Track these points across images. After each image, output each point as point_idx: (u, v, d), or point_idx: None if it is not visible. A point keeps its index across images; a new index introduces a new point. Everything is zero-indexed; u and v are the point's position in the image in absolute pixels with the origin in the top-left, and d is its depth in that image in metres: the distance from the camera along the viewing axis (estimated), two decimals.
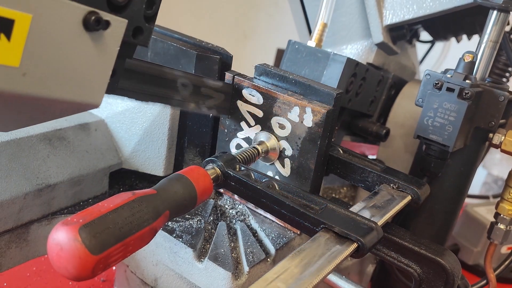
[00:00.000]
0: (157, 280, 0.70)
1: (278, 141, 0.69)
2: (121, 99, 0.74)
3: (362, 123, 0.93)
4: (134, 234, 0.44)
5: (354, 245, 0.50)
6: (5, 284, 0.78)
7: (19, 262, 0.67)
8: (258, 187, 0.57)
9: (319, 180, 0.71)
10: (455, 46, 1.09)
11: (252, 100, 0.69)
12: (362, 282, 0.91)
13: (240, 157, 0.64)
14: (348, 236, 0.50)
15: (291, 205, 0.55)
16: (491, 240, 0.80)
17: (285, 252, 0.67)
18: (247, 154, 0.65)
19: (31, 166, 0.65)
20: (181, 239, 0.64)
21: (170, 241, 0.65)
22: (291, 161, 0.69)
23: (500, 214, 0.79)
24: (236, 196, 0.75)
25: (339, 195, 0.93)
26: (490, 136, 0.75)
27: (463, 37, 1.04)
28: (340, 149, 0.72)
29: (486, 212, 1.07)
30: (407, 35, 0.93)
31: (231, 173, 0.59)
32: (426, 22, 0.98)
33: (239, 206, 0.74)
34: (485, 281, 0.83)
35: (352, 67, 0.79)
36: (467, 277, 0.78)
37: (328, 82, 0.77)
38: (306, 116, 0.65)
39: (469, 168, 0.80)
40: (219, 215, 0.72)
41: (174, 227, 0.66)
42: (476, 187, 1.76)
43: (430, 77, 0.75)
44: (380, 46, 0.92)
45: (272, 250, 0.65)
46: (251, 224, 0.71)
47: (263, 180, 0.60)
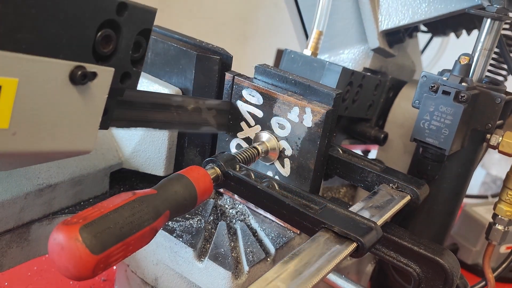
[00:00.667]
0: (158, 280, 0.70)
1: (278, 141, 0.69)
2: None
3: (361, 128, 0.93)
4: (135, 234, 0.44)
5: (354, 245, 0.50)
6: (6, 284, 0.78)
7: (20, 262, 0.67)
8: (258, 187, 0.58)
9: (319, 180, 0.71)
10: (454, 38, 1.09)
11: (252, 101, 0.70)
12: (362, 282, 0.91)
13: (240, 157, 0.64)
14: (348, 236, 0.51)
15: (291, 205, 0.55)
16: (489, 241, 0.81)
17: (285, 252, 0.68)
18: (247, 154, 0.65)
19: (32, 166, 0.65)
20: (182, 239, 0.64)
21: (171, 241, 0.65)
22: (291, 161, 0.69)
23: (498, 215, 0.79)
24: (236, 196, 0.75)
25: (339, 195, 0.93)
26: (488, 137, 0.75)
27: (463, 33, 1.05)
28: (340, 149, 0.72)
29: (485, 212, 1.08)
30: (404, 39, 0.93)
31: (231, 173, 0.59)
32: None
33: (239, 206, 0.74)
34: (485, 282, 0.83)
35: (348, 76, 0.78)
36: (466, 277, 0.78)
37: None
38: (306, 116, 0.66)
39: (467, 170, 0.80)
40: (219, 215, 0.72)
41: (175, 227, 0.67)
42: (475, 187, 1.76)
43: (427, 79, 0.75)
44: (377, 51, 0.92)
45: (272, 250, 0.66)
46: (251, 224, 0.71)
47: (263, 180, 0.60)
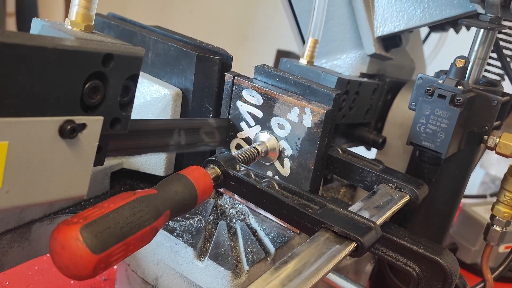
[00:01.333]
0: (158, 279, 0.70)
1: (278, 141, 0.69)
2: None
3: (359, 132, 0.93)
4: (135, 234, 0.44)
5: (353, 245, 0.50)
6: (7, 283, 0.78)
7: (21, 261, 0.67)
8: (258, 187, 0.58)
9: (319, 180, 0.71)
10: (453, 33, 1.09)
11: (252, 101, 0.70)
12: (361, 281, 0.92)
13: (240, 157, 0.64)
14: (347, 236, 0.51)
15: (291, 205, 0.55)
16: (487, 242, 0.81)
17: (285, 251, 0.68)
18: (247, 154, 0.66)
19: None
20: (182, 239, 0.65)
21: (171, 240, 0.65)
22: (291, 161, 0.69)
23: (496, 216, 0.79)
24: (236, 196, 0.76)
25: (338, 195, 0.93)
26: (485, 139, 0.75)
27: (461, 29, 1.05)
28: (339, 149, 0.73)
29: (484, 212, 1.08)
30: (400, 43, 0.93)
31: (231, 173, 0.59)
32: None
33: (239, 206, 0.75)
34: (484, 283, 0.83)
35: (344, 85, 0.79)
36: (465, 276, 0.78)
37: None
38: (306, 117, 0.66)
39: (464, 171, 0.80)
40: (219, 215, 0.72)
41: (175, 227, 0.67)
42: (474, 187, 1.77)
43: (423, 81, 0.74)
44: (373, 56, 0.92)
45: (272, 250, 0.66)
46: (251, 224, 0.72)
47: (263, 180, 0.61)
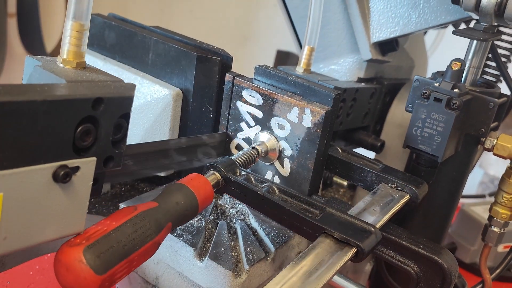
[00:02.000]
0: (159, 279, 0.70)
1: (278, 142, 0.70)
2: None
3: (358, 136, 0.93)
4: (138, 250, 0.45)
5: (353, 250, 0.51)
6: (9, 282, 0.79)
7: (22, 261, 0.68)
8: (258, 192, 0.58)
9: (318, 180, 0.72)
10: (451, 28, 1.09)
11: (252, 101, 0.70)
12: (361, 281, 0.92)
13: (240, 160, 0.64)
14: (347, 242, 0.51)
15: (291, 211, 0.55)
16: (485, 242, 0.81)
17: (285, 251, 0.68)
18: (247, 157, 0.66)
19: None
20: (182, 238, 0.65)
21: (171, 240, 0.66)
22: (291, 161, 0.70)
23: (494, 217, 0.79)
24: None
25: (338, 195, 0.94)
26: (482, 140, 0.75)
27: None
28: (339, 149, 0.73)
29: (483, 211, 1.08)
30: (397, 48, 0.93)
31: (232, 178, 0.59)
32: None
33: (239, 206, 0.75)
34: (483, 283, 0.83)
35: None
36: (464, 276, 0.79)
37: None
38: (305, 117, 0.66)
39: (462, 173, 0.80)
40: (220, 215, 0.73)
41: None
42: (473, 187, 1.77)
43: (419, 83, 0.74)
44: (370, 61, 0.92)
45: (272, 249, 0.66)
46: (251, 223, 0.72)
47: (263, 185, 0.61)
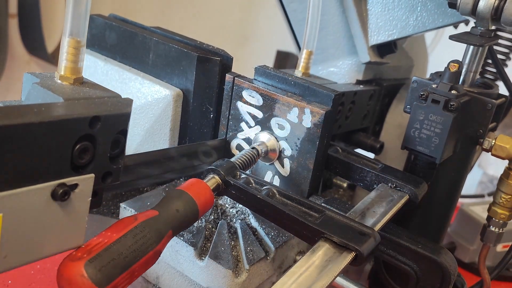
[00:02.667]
0: (159, 278, 0.71)
1: (278, 142, 0.70)
2: None
3: (357, 138, 0.94)
4: (139, 261, 0.45)
5: (352, 254, 0.51)
6: (10, 282, 0.79)
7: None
8: (258, 196, 0.58)
9: (318, 180, 0.72)
10: (450, 28, 1.09)
11: (252, 101, 0.71)
12: (360, 280, 0.92)
13: (240, 162, 0.64)
14: (347, 246, 0.51)
15: (291, 215, 0.55)
16: (484, 242, 0.81)
17: (285, 250, 0.68)
18: (247, 158, 0.66)
19: None
20: (182, 238, 0.65)
21: (172, 240, 0.66)
22: (291, 161, 0.70)
23: (492, 218, 0.79)
24: None
25: (338, 195, 0.94)
26: (481, 141, 0.75)
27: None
28: (339, 149, 0.73)
29: (482, 211, 1.08)
30: (395, 50, 0.94)
31: (232, 182, 0.59)
32: None
33: (239, 205, 0.75)
34: (482, 283, 0.83)
35: (338, 98, 0.79)
36: (463, 275, 0.79)
37: None
38: (305, 117, 0.67)
39: (460, 174, 0.80)
40: (220, 214, 0.73)
41: None
42: (472, 186, 1.77)
43: (417, 85, 0.75)
44: (369, 63, 0.92)
45: (272, 249, 0.67)
46: (251, 223, 0.72)
47: (263, 188, 0.61)
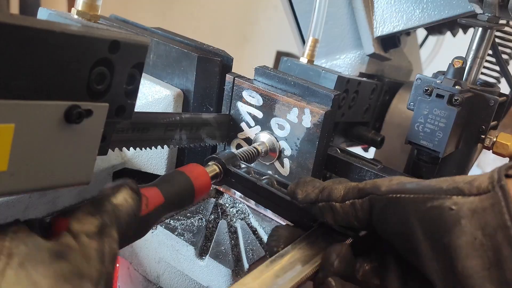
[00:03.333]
0: (160, 277, 0.71)
1: (278, 142, 0.70)
2: None
3: (358, 131, 0.94)
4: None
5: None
6: None
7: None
8: (258, 184, 0.59)
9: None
10: (450, 36, 1.10)
11: (252, 102, 0.71)
12: None
13: (241, 155, 0.65)
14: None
15: (289, 200, 0.56)
16: None
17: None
18: (248, 154, 0.67)
19: None
20: (183, 237, 0.66)
21: (172, 239, 0.66)
22: (290, 161, 0.70)
23: None
24: (237, 195, 0.77)
25: None
26: (482, 137, 0.75)
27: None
28: (338, 149, 0.73)
29: None
30: (399, 44, 0.94)
31: (232, 170, 0.60)
32: None
33: (240, 205, 0.76)
34: None
35: (343, 84, 0.79)
36: None
37: None
38: (305, 117, 0.67)
39: (462, 171, 0.81)
40: (220, 214, 0.73)
41: (176, 226, 0.68)
42: None
43: (421, 82, 0.75)
44: (372, 56, 0.93)
45: None
46: (251, 223, 0.73)
47: (263, 177, 0.62)
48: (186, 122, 0.66)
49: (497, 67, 0.94)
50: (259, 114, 0.71)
